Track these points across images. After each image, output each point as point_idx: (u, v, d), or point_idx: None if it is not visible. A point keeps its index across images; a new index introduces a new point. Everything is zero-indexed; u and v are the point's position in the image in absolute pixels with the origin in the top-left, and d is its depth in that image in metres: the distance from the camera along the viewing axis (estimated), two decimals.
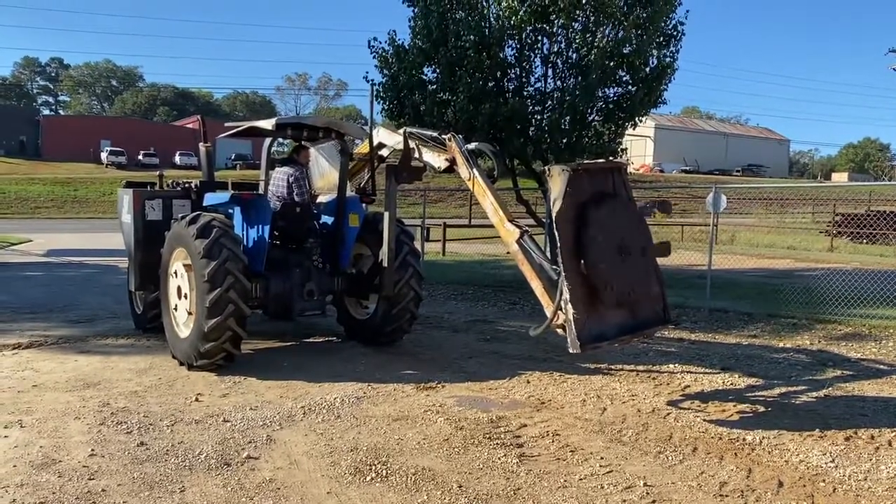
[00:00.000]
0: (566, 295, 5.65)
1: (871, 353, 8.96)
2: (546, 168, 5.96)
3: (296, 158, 8.39)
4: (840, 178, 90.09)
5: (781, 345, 9.40)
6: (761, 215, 39.53)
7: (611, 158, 6.47)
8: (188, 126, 73.22)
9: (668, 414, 6.33)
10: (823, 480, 4.89)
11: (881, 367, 8.25)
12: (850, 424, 6.05)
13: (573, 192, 5.81)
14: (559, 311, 5.86)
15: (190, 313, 7.40)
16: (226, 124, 8.83)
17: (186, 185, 8.98)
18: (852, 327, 10.44)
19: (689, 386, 7.27)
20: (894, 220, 25.15)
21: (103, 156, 65.74)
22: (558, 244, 5.65)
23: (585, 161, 6.37)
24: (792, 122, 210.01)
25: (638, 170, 76.25)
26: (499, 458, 5.19)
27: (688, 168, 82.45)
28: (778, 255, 23.31)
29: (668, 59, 13.88)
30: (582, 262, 5.71)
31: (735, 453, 5.37)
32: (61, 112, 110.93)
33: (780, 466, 5.13)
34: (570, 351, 5.68)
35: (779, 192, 43.80)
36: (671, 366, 8.04)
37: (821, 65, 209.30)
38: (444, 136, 7.67)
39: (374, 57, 14.15)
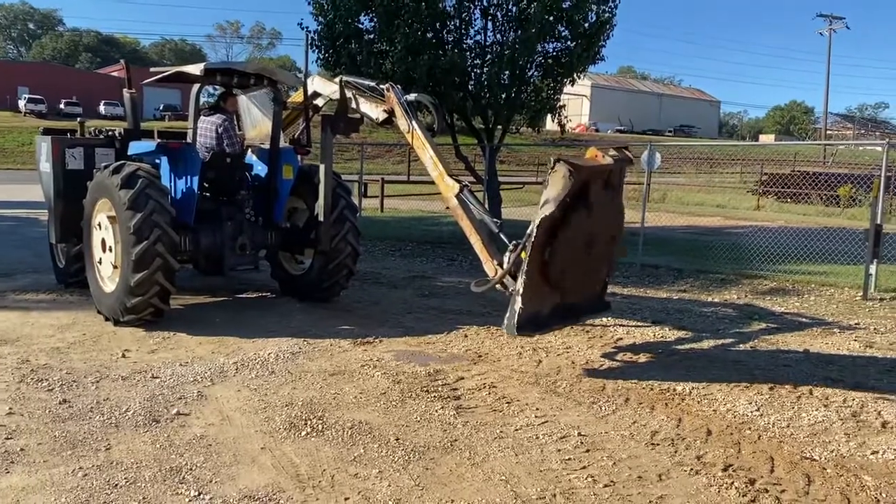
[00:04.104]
0: (519, 287, 5.58)
1: (794, 306, 9.32)
2: (552, 161, 5.48)
3: (223, 106, 8.05)
4: (767, 139, 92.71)
5: (710, 299, 9.68)
6: (691, 175, 40.48)
7: (623, 150, 6.15)
8: (113, 74, 69.85)
9: (602, 366, 6.44)
10: (749, 428, 5.06)
11: (803, 320, 8.58)
12: (775, 375, 6.28)
13: (569, 197, 5.49)
14: (504, 280, 5.87)
15: (115, 267, 7.12)
16: (151, 69, 8.40)
17: (110, 134, 8.56)
18: (777, 282, 10.83)
19: (621, 339, 7.41)
20: (817, 181, 26.14)
21: (21, 103, 62.19)
22: (532, 238, 5.51)
23: (597, 156, 5.98)
24: (723, 83, 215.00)
25: (574, 129, 76.86)
26: (436, 411, 5.18)
27: (622, 128, 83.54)
28: (707, 213, 23.97)
29: (606, 15, 13.87)
30: (547, 252, 5.61)
31: (666, 403, 5.50)
32: None
33: (708, 415, 5.29)
34: (504, 332, 5.70)
35: (709, 151, 44.90)
36: (604, 319, 8.16)
37: (751, 28, 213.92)
38: (382, 87, 7.48)
39: (309, 3, 13.69)
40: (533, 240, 5.48)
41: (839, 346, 7.39)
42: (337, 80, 8.05)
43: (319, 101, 8.54)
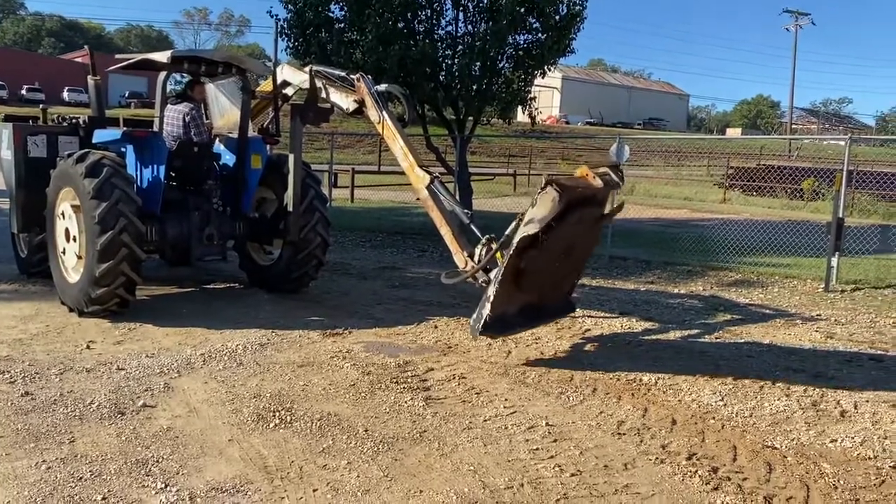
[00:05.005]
0: (490, 294, 5.64)
1: (758, 298, 9.49)
2: (543, 182, 5.43)
3: (190, 95, 7.94)
4: (734, 133, 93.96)
5: (676, 291, 9.81)
6: (659, 167, 40.97)
7: (616, 169, 6.08)
8: (77, 60, 68.37)
9: (570, 356, 6.50)
10: (713, 418, 5.15)
11: (767, 311, 8.75)
12: (738, 365, 6.40)
13: (554, 221, 5.47)
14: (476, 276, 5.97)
15: (79, 257, 7.00)
16: (117, 56, 8.25)
17: (74, 121, 8.40)
18: (742, 274, 11.01)
19: (589, 330, 7.48)
20: (782, 174, 26.61)
21: None
22: (511, 250, 5.52)
23: (587, 175, 5.89)
24: (692, 77, 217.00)
25: (545, 121, 77.18)
26: (405, 402, 5.19)
27: (592, 120, 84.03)
28: (674, 205, 24.27)
29: (577, 8, 13.91)
30: (522, 263, 5.64)
31: (632, 393, 5.58)
32: None
33: (673, 405, 5.37)
34: (470, 333, 5.88)
35: (677, 144, 45.43)
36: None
37: (721, 22, 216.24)
38: (352, 77, 7.44)
39: None
40: (511, 252, 5.51)
41: (801, 337, 7.55)
42: (307, 69, 7.98)
43: (289, 91, 8.46)
